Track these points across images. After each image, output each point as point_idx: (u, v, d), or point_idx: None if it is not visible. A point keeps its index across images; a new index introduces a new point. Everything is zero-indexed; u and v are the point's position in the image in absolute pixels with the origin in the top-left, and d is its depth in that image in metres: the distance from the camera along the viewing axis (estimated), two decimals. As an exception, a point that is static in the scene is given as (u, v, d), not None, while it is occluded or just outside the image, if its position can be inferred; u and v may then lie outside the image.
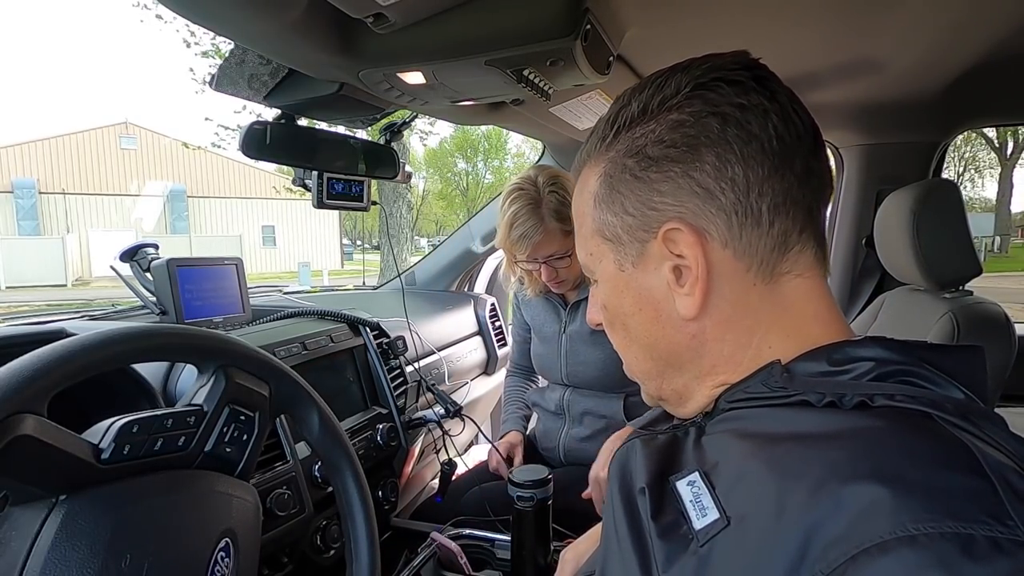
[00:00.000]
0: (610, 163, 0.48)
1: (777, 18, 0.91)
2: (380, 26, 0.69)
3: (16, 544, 0.46)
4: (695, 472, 0.43)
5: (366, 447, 1.16)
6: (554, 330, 1.47)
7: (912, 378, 0.40)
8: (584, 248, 0.53)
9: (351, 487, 0.69)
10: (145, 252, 1.12)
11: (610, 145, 0.48)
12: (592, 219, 0.50)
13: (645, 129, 0.46)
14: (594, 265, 0.52)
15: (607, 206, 0.48)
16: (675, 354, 0.49)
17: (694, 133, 0.44)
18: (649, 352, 0.51)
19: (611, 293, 0.51)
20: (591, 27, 0.73)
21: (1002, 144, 22.14)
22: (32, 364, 0.44)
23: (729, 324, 0.47)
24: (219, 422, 0.58)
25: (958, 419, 0.36)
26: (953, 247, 1.07)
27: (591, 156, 0.50)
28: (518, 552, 0.97)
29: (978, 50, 1.07)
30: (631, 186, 0.46)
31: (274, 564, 0.90)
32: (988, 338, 1.02)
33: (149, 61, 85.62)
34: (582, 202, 0.52)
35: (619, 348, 0.54)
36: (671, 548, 0.40)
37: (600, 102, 1.16)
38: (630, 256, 0.48)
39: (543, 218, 1.25)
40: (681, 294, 0.46)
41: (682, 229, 0.44)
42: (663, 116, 0.45)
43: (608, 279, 0.51)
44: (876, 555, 0.29)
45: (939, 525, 0.29)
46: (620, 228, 0.48)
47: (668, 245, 0.46)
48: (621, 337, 0.53)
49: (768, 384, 0.44)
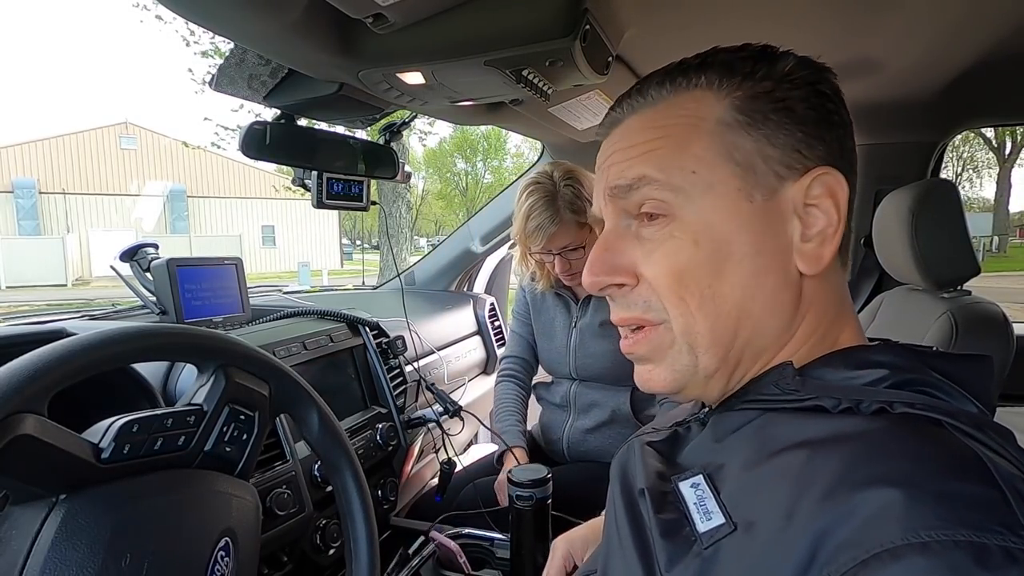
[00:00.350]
0: (743, 99, 0.44)
1: (776, 19, 0.92)
2: (380, 26, 0.69)
3: (16, 543, 0.46)
4: (699, 475, 0.43)
5: (366, 446, 1.16)
6: (564, 325, 1.48)
7: (926, 387, 0.40)
8: (678, 165, 0.44)
9: (351, 486, 0.69)
10: (145, 252, 1.13)
11: (738, 85, 0.45)
12: (713, 140, 0.44)
13: (782, 86, 0.44)
14: (689, 186, 0.44)
15: (745, 132, 0.44)
16: (767, 315, 0.44)
17: (829, 109, 0.45)
18: (739, 309, 0.44)
19: (720, 225, 0.43)
20: (590, 27, 0.73)
21: (1000, 144, 22.21)
22: (32, 364, 0.44)
23: (817, 297, 0.45)
24: (219, 422, 0.58)
25: (972, 430, 0.36)
26: (951, 247, 1.08)
27: (697, 86, 0.46)
28: (517, 551, 0.97)
29: (976, 50, 1.07)
30: (778, 124, 0.44)
31: (274, 563, 0.90)
32: (986, 338, 1.02)
33: (149, 61, 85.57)
34: (683, 122, 0.45)
35: (690, 299, 0.44)
36: (674, 549, 0.40)
37: (599, 102, 1.16)
38: (762, 189, 0.44)
39: (559, 210, 1.28)
40: (807, 248, 0.44)
41: (835, 175, 0.43)
42: (799, 82, 0.44)
43: (719, 208, 0.44)
44: (887, 560, 0.29)
45: (952, 533, 0.29)
46: (758, 156, 0.43)
47: (809, 190, 0.43)
48: (703, 285, 0.44)
49: (779, 386, 0.43)
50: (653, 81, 0.48)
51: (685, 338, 0.45)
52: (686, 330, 0.45)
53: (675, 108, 0.46)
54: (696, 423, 0.52)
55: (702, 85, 0.46)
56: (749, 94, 0.44)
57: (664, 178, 0.44)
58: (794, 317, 0.45)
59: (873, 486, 0.32)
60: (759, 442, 0.41)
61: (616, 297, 0.48)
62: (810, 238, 0.44)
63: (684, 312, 0.44)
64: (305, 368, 1.10)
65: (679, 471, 0.46)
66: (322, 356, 1.15)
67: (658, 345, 0.46)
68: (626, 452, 0.55)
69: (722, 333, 0.44)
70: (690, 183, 0.44)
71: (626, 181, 0.46)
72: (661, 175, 0.44)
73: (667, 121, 0.46)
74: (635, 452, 0.52)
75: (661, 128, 0.46)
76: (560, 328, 1.49)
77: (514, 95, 0.91)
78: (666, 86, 0.47)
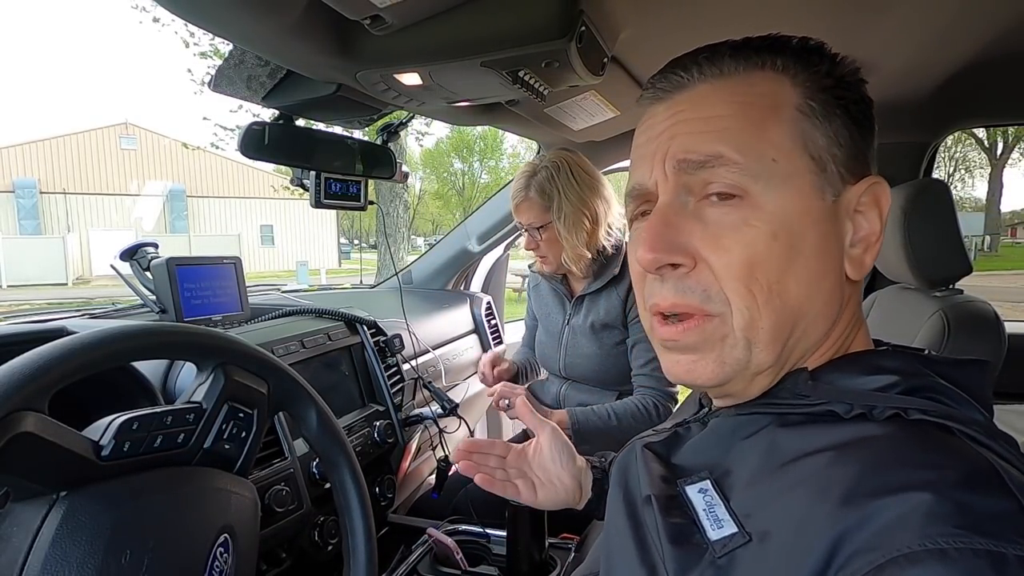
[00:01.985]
0: (812, 92, 0.43)
1: (769, 20, 0.92)
2: (377, 28, 0.69)
3: (17, 540, 0.46)
4: (706, 480, 0.43)
5: (363, 444, 1.16)
6: (558, 321, 1.49)
7: (935, 393, 0.40)
8: (758, 150, 0.42)
9: (348, 483, 0.69)
10: (145, 251, 1.13)
11: (808, 75, 0.43)
12: (792, 128, 0.42)
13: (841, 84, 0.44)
14: (768, 175, 0.41)
15: (820, 126, 0.42)
16: (820, 315, 0.43)
17: (868, 115, 0.45)
18: (800, 307, 0.42)
19: (796, 219, 0.41)
20: (586, 29, 0.73)
21: (992, 144, 22.34)
22: (33, 362, 0.45)
23: (852, 301, 0.46)
24: (218, 419, 0.58)
25: (984, 438, 0.36)
26: (944, 246, 1.08)
27: (769, 67, 0.44)
28: (513, 548, 0.98)
29: (967, 52, 1.08)
30: (842, 125, 0.43)
31: (272, 560, 0.91)
32: (978, 336, 1.03)
33: (149, 62, 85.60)
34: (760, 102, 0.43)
35: (759, 292, 0.41)
36: (684, 556, 0.40)
37: (594, 103, 1.16)
38: (832, 187, 0.43)
39: (529, 188, 1.35)
40: (854, 252, 0.44)
41: (883, 185, 0.44)
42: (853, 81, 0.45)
43: (796, 202, 0.42)
44: (904, 565, 0.29)
45: (970, 541, 0.29)
46: (828, 154, 0.42)
47: (862, 196, 0.43)
48: (772, 279, 0.41)
49: (791, 391, 0.43)
50: (725, 52, 0.45)
51: (745, 332, 0.42)
52: (749, 324, 0.42)
53: (752, 85, 0.43)
54: (696, 423, 0.51)
55: (777, 67, 0.44)
56: (818, 86, 0.43)
57: (744, 161, 0.41)
58: (838, 320, 0.45)
59: (892, 493, 0.32)
60: (770, 451, 0.41)
61: (669, 278, 0.44)
62: (855, 243, 0.44)
63: (750, 305, 0.42)
64: (303, 366, 1.10)
65: (681, 473, 0.46)
66: (320, 354, 1.16)
67: (709, 336, 0.43)
68: (626, 455, 0.54)
69: (782, 330, 0.42)
70: (770, 171, 0.41)
71: (699, 156, 0.42)
72: (741, 157, 0.41)
73: (744, 98, 0.43)
74: (636, 456, 0.51)
75: (740, 104, 0.43)
76: (555, 323, 1.51)
77: (510, 96, 0.91)
78: (738, 60, 0.44)
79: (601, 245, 1.37)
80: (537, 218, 1.35)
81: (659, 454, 0.50)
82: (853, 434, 0.38)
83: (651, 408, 1.31)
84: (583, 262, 1.36)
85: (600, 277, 1.39)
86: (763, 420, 0.44)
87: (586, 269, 1.39)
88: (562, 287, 1.49)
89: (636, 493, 0.48)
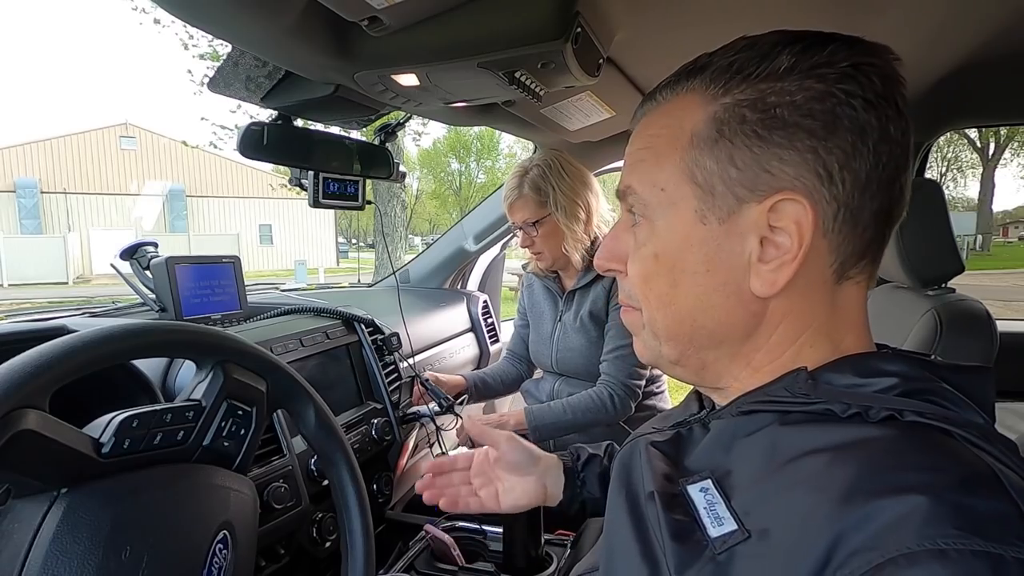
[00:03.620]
0: (724, 109, 0.43)
1: (761, 23, 0.92)
2: (375, 29, 0.69)
3: (19, 536, 0.46)
4: (708, 480, 0.43)
5: (361, 441, 1.17)
6: (551, 318, 1.52)
7: (934, 396, 0.40)
8: (652, 181, 0.46)
9: (346, 480, 0.70)
10: (145, 250, 1.13)
11: (726, 89, 0.43)
12: (682, 157, 0.44)
13: (779, 87, 0.41)
14: (656, 203, 0.46)
15: (710, 151, 0.43)
16: (722, 327, 0.45)
17: (838, 112, 0.40)
18: (692, 316, 0.46)
19: (676, 243, 0.45)
20: (581, 30, 0.74)
21: (984, 145, 22.49)
22: (34, 360, 0.45)
23: (788, 314, 0.44)
24: (217, 417, 0.58)
25: (981, 441, 0.36)
26: (936, 245, 1.09)
27: (690, 90, 0.45)
28: (510, 544, 0.98)
29: (959, 53, 1.08)
30: (747, 141, 0.42)
31: (271, 556, 0.91)
32: (970, 335, 1.04)
33: (148, 63, 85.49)
34: (666, 132, 0.46)
35: (652, 299, 0.48)
36: (685, 553, 0.40)
37: (590, 104, 1.17)
38: (718, 211, 0.43)
39: (522, 186, 1.38)
40: (763, 269, 0.43)
41: (801, 202, 0.41)
42: (808, 82, 0.41)
43: (677, 227, 0.45)
44: (904, 565, 0.29)
45: (970, 543, 0.29)
46: (719, 178, 0.43)
47: (771, 214, 0.42)
48: (662, 291, 0.47)
49: (791, 390, 0.43)
50: (664, 82, 0.48)
51: (651, 327, 0.50)
52: (650, 320, 0.49)
53: (666, 116, 0.47)
54: (698, 425, 0.52)
55: (693, 89, 0.45)
56: (735, 101, 0.42)
57: (641, 192, 0.47)
58: (756, 330, 0.45)
59: (892, 494, 0.32)
60: (770, 450, 0.41)
61: (618, 279, 0.53)
62: (769, 260, 0.42)
63: (648, 307, 0.49)
64: (302, 364, 1.10)
65: (684, 473, 0.46)
66: (318, 352, 1.16)
67: (634, 323, 0.52)
68: (629, 452, 0.54)
69: (677, 331, 0.48)
70: (657, 200, 0.46)
71: (622, 187, 0.50)
72: (640, 188, 0.47)
73: (656, 130, 0.47)
74: (639, 453, 0.52)
75: (650, 136, 0.47)
76: (547, 320, 1.53)
77: (507, 96, 0.91)
78: (669, 88, 0.47)
79: (595, 234, 1.43)
80: (533, 214, 1.38)
81: (663, 452, 0.51)
82: (852, 435, 0.38)
83: (606, 399, 1.35)
84: (583, 249, 1.41)
85: (589, 271, 1.43)
86: (764, 419, 0.44)
87: (583, 258, 1.42)
88: (554, 284, 1.53)
89: (639, 489, 0.48)
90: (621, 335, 1.37)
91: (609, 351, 1.39)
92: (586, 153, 1.64)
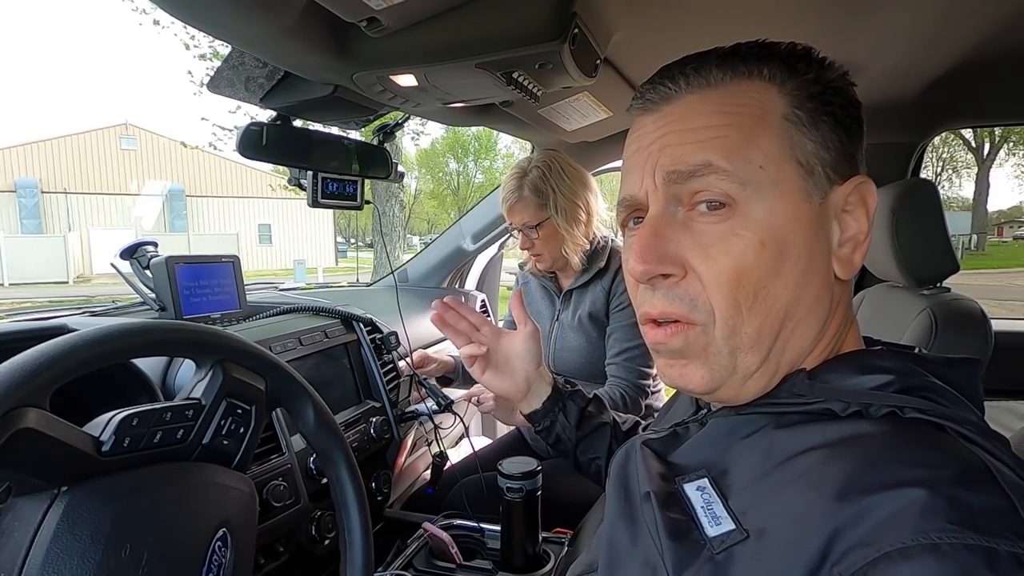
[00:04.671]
0: (798, 99, 0.44)
1: (757, 24, 0.93)
2: (373, 30, 0.70)
3: (19, 534, 0.46)
4: (704, 478, 0.43)
5: (360, 440, 1.17)
6: (548, 317, 1.52)
7: (930, 392, 0.41)
8: (745, 157, 0.42)
9: (345, 479, 0.70)
10: (145, 250, 1.14)
11: (795, 82, 0.44)
12: (780, 136, 0.43)
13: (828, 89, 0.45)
14: (757, 182, 0.42)
15: (808, 132, 0.43)
16: (810, 315, 0.44)
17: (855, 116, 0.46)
18: (787, 309, 0.43)
19: (783, 226, 0.42)
20: (578, 31, 0.74)
21: (979, 145, 22.61)
22: (35, 359, 0.45)
23: (843, 300, 0.46)
24: (216, 415, 0.58)
25: (977, 436, 0.37)
26: (931, 245, 1.09)
27: (758, 76, 0.45)
28: (508, 542, 0.99)
29: (954, 54, 1.09)
30: (829, 129, 0.44)
31: (270, 554, 0.91)
32: (965, 334, 1.04)
33: (149, 64, 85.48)
34: (748, 111, 0.43)
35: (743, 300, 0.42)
36: (683, 552, 0.40)
37: (587, 104, 1.17)
38: (818, 191, 0.43)
39: (522, 187, 1.37)
40: (842, 251, 0.44)
41: (870, 184, 0.44)
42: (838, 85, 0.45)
43: (783, 208, 0.42)
44: (898, 560, 0.30)
45: (963, 537, 0.29)
46: (816, 158, 0.43)
47: (849, 196, 0.44)
48: (759, 288, 0.42)
49: (789, 391, 0.44)
50: (712, 62, 0.45)
51: (727, 340, 0.43)
52: (731, 332, 0.43)
53: (739, 95, 0.44)
54: (695, 424, 0.52)
55: (764, 76, 0.44)
56: (806, 93, 0.44)
57: (732, 168, 0.42)
58: (828, 320, 0.45)
59: (886, 490, 0.32)
60: (768, 450, 0.41)
61: (660, 287, 0.45)
62: (844, 243, 0.44)
63: (734, 314, 0.43)
64: (300, 363, 1.11)
65: (679, 471, 0.46)
66: (317, 351, 1.16)
67: (692, 343, 0.45)
68: (626, 453, 0.54)
69: (768, 333, 0.43)
70: (758, 178, 0.42)
71: (688, 167, 0.43)
72: (729, 165, 0.42)
73: (733, 108, 0.43)
74: (635, 453, 0.52)
75: (727, 114, 0.43)
76: (544, 319, 1.53)
77: (504, 97, 0.91)
78: (724, 69, 0.45)
79: (593, 235, 1.42)
80: (533, 216, 1.37)
81: (658, 452, 0.51)
82: (849, 431, 0.38)
83: (619, 400, 1.32)
84: (581, 251, 1.40)
85: (588, 271, 1.42)
86: (761, 420, 0.44)
87: (581, 261, 1.42)
88: (552, 284, 1.52)
89: (635, 489, 0.48)
90: (629, 336, 1.35)
91: (617, 354, 1.36)
92: (583, 153, 1.65)
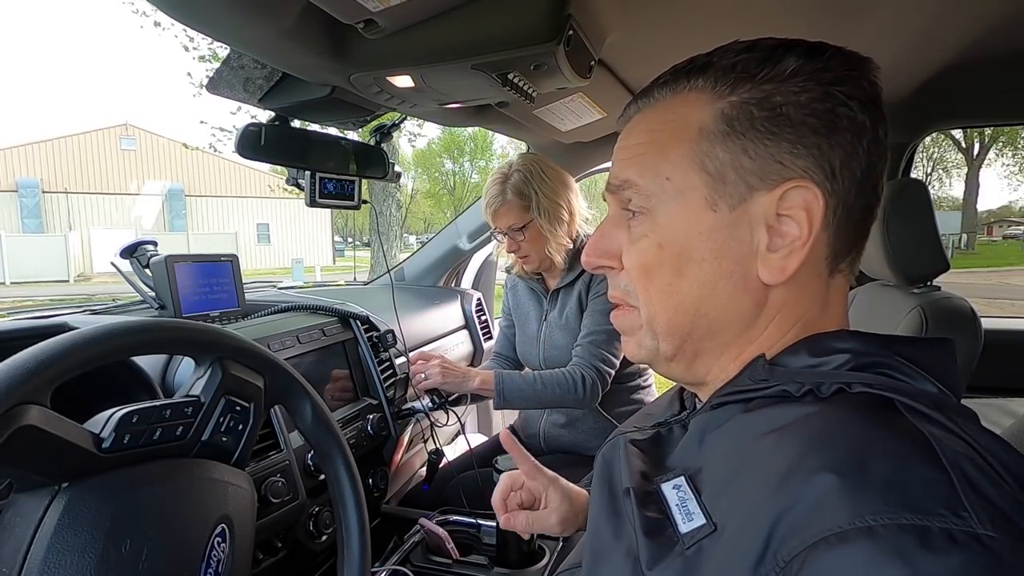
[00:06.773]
0: (731, 106, 0.44)
1: (750, 25, 0.94)
2: (370, 31, 0.70)
3: (20, 530, 0.47)
4: (680, 476, 0.44)
5: (357, 436, 1.18)
6: (536, 317, 1.54)
7: (887, 370, 0.41)
8: (655, 171, 0.47)
9: (342, 475, 0.70)
10: (144, 249, 1.14)
11: (733, 88, 0.45)
12: (691, 148, 0.45)
13: (784, 88, 0.43)
14: (661, 193, 0.46)
15: (722, 143, 0.44)
16: (724, 315, 0.46)
17: (838, 112, 0.43)
18: (696, 305, 0.46)
19: (683, 231, 0.46)
20: (573, 33, 0.75)
21: (969, 145, 22.62)
22: (36, 357, 0.45)
23: (786, 304, 0.46)
24: (215, 412, 0.59)
25: (931, 411, 0.37)
26: (922, 244, 1.10)
27: (693, 88, 0.46)
28: (503, 538, 1.00)
29: (944, 56, 1.09)
30: (759, 135, 0.44)
31: (268, 549, 0.92)
32: (955, 332, 1.04)
33: (149, 65, 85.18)
34: (669, 127, 0.47)
35: (653, 292, 0.48)
36: (656, 548, 0.41)
37: (582, 105, 1.18)
38: (729, 199, 0.44)
39: (505, 191, 1.38)
40: (772, 258, 0.44)
41: (813, 190, 0.43)
42: (810, 84, 0.43)
43: (684, 215, 0.46)
44: (835, 544, 0.30)
45: (897, 517, 0.30)
46: (731, 167, 0.44)
47: (780, 202, 0.43)
48: (665, 281, 0.47)
49: (752, 378, 0.44)
50: (660, 81, 0.49)
51: (649, 324, 0.49)
52: (649, 317, 0.49)
53: (667, 112, 0.48)
54: (678, 426, 0.52)
55: (697, 88, 0.46)
56: (741, 99, 0.44)
57: (643, 183, 0.47)
58: (756, 320, 0.46)
59: (822, 471, 0.33)
60: (734, 439, 0.42)
61: (608, 276, 0.53)
62: (777, 248, 0.44)
63: (648, 302, 0.49)
64: (298, 361, 1.11)
65: (660, 472, 0.47)
66: (315, 349, 1.17)
67: (630, 324, 0.51)
68: (611, 449, 0.55)
69: (678, 324, 0.48)
70: (663, 189, 0.46)
71: (617, 181, 0.50)
72: (641, 180, 0.47)
73: (657, 125, 0.48)
74: (620, 450, 0.52)
75: (651, 132, 0.48)
76: (533, 320, 1.55)
77: (500, 98, 0.92)
78: (667, 87, 0.48)
79: (576, 234, 1.44)
80: (518, 219, 1.39)
81: (643, 451, 0.51)
82: (798, 413, 0.39)
83: (577, 379, 1.34)
84: (564, 251, 1.42)
85: (572, 270, 1.44)
86: (731, 410, 0.45)
87: (565, 260, 1.43)
88: (539, 285, 1.54)
89: (618, 486, 0.49)
90: (598, 321, 1.37)
91: (584, 335, 1.39)
92: (578, 154, 1.65)
